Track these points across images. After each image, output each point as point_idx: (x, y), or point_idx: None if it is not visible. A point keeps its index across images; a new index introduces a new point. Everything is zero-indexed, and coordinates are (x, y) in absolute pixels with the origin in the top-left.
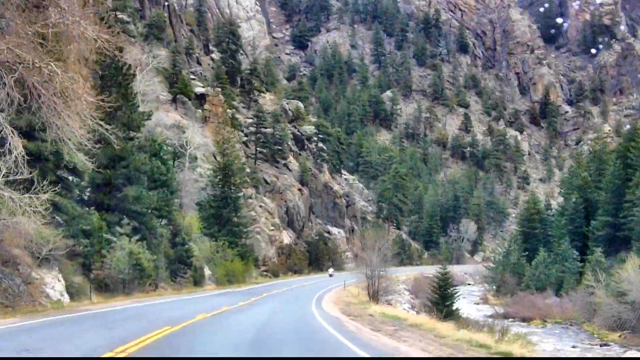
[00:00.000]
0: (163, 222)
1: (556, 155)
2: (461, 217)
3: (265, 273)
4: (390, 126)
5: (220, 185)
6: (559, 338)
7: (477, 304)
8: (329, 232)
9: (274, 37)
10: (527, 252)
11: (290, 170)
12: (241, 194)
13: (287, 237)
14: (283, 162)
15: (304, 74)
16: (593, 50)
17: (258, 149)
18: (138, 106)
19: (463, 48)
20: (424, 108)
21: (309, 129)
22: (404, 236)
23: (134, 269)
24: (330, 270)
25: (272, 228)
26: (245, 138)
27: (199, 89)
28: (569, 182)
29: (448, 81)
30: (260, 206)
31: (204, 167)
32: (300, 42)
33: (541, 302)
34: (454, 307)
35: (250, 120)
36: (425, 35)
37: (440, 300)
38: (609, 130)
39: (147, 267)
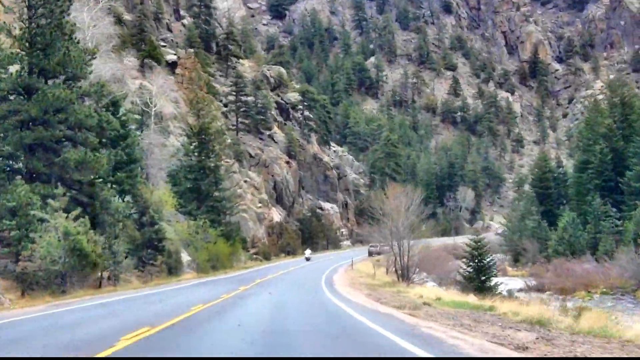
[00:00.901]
0: (126, 199)
1: (549, 115)
2: (457, 185)
3: (255, 256)
4: (376, 94)
5: (196, 153)
6: (629, 312)
7: (495, 276)
8: (321, 208)
9: (249, 8)
10: (544, 215)
11: (275, 142)
12: (222, 163)
13: (276, 214)
14: (267, 133)
15: (283, 45)
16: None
17: (239, 119)
18: (78, 41)
19: (447, 8)
20: (410, 73)
21: (293, 96)
22: None
23: (71, 256)
24: (307, 253)
25: (260, 205)
26: (224, 109)
27: (171, 56)
28: (587, 132)
29: (433, 44)
30: (246, 181)
31: (175, 133)
32: (277, 12)
33: (580, 269)
34: (492, 282)
35: (228, 88)
36: None
37: (475, 275)
38: (602, 86)
39: (92, 253)
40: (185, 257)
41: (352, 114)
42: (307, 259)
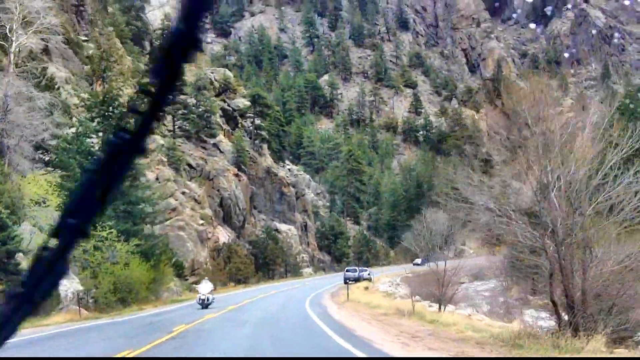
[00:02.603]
0: None
1: (516, 134)
2: (426, 207)
3: (195, 285)
4: (331, 113)
5: (101, 131)
6: None
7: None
8: (277, 230)
9: None
10: None
11: (221, 151)
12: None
13: (223, 235)
14: (212, 141)
15: (229, 63)
16: (546, 15)
17: (178, 123)
18: None
19: (403, 25)
20: (367, 91)
21: (242, 102)
22: (366, 232)
23: None
24: (204, 288)
25: (202, 222)
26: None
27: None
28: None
29: (391, 61)
30: (184, 193)
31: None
32: (222, 29)
33: None
34: None
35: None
36: (362, 13)
37: None
38: (572, 103)
39: None
40: (68, 285)
41: (306, 132)
42: (202, 302)
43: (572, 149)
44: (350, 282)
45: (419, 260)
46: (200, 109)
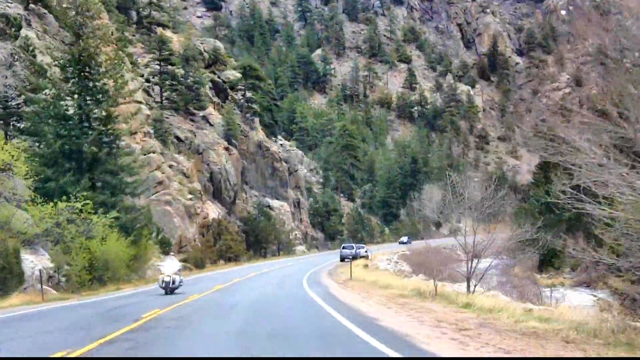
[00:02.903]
0: None
1: (512, 111)
2: (421, 184)
3: (183, 264)
4: (324, 89)
5: (76, 93)
6: None
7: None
8: (269, 206)
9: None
10: None
11: (211, 125)
12: (117, 115)
13: (213, 211)
14: (201, 114)
15: (220, 38)
16: None
17: (165, 94)
18: None
19: None
20: (361, 66)
21: (232, 74)
22: (360, 209)
23: None
24: (168, 267)
25: (191, 197)
26: (146, 85)
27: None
28: None
29: (385, 36)
30: (171, 166)
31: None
32: (212, 3)
33: None
34: None
35: (151, 56)
36: None
37: None
38: (568, 79)
39: None
40: (35, 263)
41: (299, 108)
42: (166, 286)
43: None
44: (347, 259)
45: (404, 239)
46: (189, 80)
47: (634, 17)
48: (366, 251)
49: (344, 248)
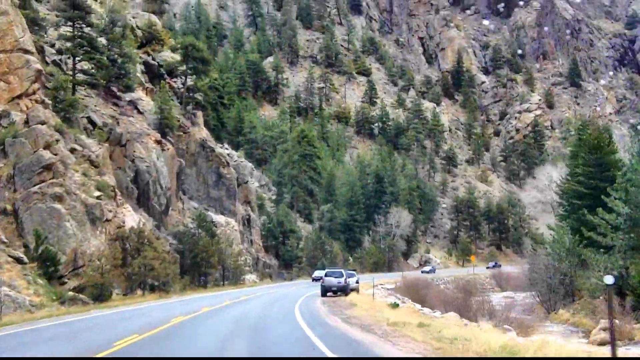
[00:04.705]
0: None
1: (479, 132)
2: (388, 206)
3: (75, 295)
4: (276, 99)
5: None
6: None
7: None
8: (212, 222)
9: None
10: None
11: (140, 112)
12: None
13: (133, 218)
14: (127, 97)
15: None
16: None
17: (80, 66)
18: None
19: (355, 8)
20: (316, 77)
21: (170, 56)
22: (319, 233)
23: None
24: None
25: (99, 195)
26: (54, 54)
27: None
28: None
29: (342, 45)
30: (73, 150)
31: None
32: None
33: None
34: None
35: (61, 15)
36: None
37: None
38: (539, 100)
39: None
40: None
41: (248, 117)
42: None
43: None
44: (333, 293)
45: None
46: (113, 52)
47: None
48: (357, 281)
49: (327, 275)
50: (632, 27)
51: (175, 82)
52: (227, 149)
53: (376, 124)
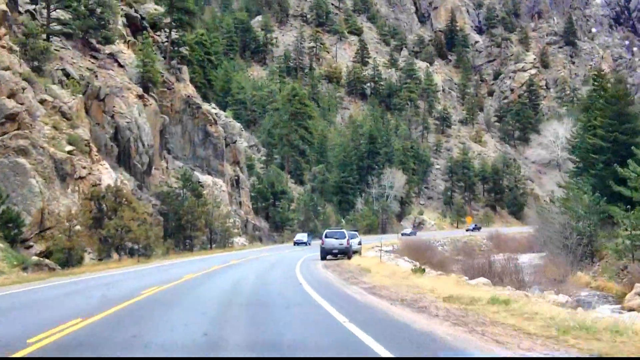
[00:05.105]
0: None
1: (473, 92)
2: (382, 167)
3: (40, 260)
4: (264, 59)
5: None
6: None
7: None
8: (198, 182)
9: None
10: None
11: (121, 65)
12: None
13: (109, 176)
14: (107, 50)
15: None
16: None
17: (56, 15)
18: None
19: None
20: (306, 36)
21: (154, 8)
22: (312, 194)
23: None
24: None
25: (72, 149)
26: (28, 3)
27: None
28: None
29: (333, 4)
30: (43, 101)
31: None
32: None
33: None
34: None
35: None
36: None
37: None
38: (534, 59)
39: None
40: None
41: (236, 77)
42: None
43: None
44: (333, 255)
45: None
46: (90, 2)
47: None
48: (359, 243)
49: (326, 237)
50: None
51: (159, 36)
52: (214, 108)
53: (368, 84)
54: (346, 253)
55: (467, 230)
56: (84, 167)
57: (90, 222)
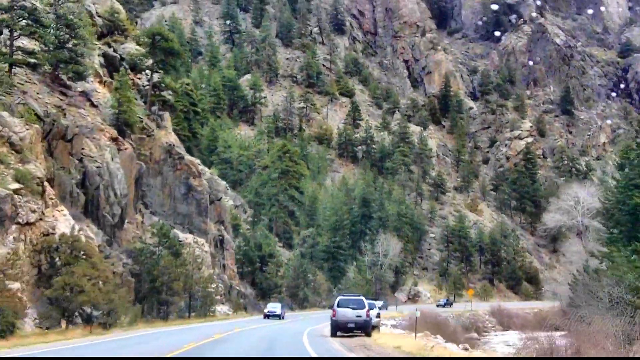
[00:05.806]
0: None
1: (467, 159)
2: (375, 233)
3: None
4: (253, 119)
5: None
6: None
7: None
8: (178, 239)
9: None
10: None
11: (94, 105)
12: None
13: (66, 223)
14: (79, 87)
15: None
16: (497, 33)
17: (19, 41)
18: None
19: (338, 28)
20: (296, 96)
21: (135, 48)
22: (301, 260)
23: None
24: None
25: (18, 187)
26: None
27: None
28: None
29: (324, 65)
30: None
31: None
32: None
33: None
34: None
35: None
36: (291, 10)
37: None
38: (531, 127)
39: None
40: None
41: (223, 136)
42: None
43: None
44: (346, 331)
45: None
46: (61, 33)
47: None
48: (378, 315)
49: (341, 305)
50: (625, 55)
51: (140, 79)
52: (199, 164)
53: (360, 147)
54: (365, 328)
55: (437, 306)
56: (33, 211)
57: (35, 279)
